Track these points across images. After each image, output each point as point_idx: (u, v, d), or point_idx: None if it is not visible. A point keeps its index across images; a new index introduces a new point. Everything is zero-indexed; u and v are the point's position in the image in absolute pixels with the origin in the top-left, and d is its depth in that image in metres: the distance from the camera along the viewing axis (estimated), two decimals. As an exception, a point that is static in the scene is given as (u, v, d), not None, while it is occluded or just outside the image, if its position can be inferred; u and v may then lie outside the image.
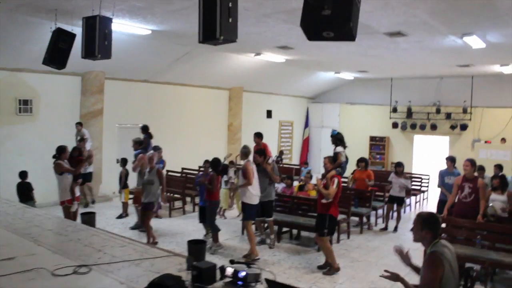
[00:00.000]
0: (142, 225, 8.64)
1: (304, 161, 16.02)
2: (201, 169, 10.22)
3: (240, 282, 3.69)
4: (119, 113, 13.03)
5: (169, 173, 12.96)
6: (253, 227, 8.21)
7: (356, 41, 9.93)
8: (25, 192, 9.07)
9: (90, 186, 11.62)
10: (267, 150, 8.99)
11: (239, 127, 17.15)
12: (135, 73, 13.02)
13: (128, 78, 13.14)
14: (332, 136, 8.60)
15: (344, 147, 8.52)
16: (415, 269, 3.95)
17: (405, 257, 3.97)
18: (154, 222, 10.11)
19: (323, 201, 6.96)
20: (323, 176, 7.18)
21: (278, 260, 7.86)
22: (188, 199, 11.73)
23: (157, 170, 8.30)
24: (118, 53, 11.04)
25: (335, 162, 7.36)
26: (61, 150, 7.96)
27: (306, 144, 20.54)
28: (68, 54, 7.85)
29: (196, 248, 5.41)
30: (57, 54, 7.80)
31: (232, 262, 4.10)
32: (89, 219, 6.51)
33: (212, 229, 8.30)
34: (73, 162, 8.36)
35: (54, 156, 7.92)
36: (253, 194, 7.85)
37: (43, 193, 10.69)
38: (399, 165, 10.30)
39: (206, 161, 9.06)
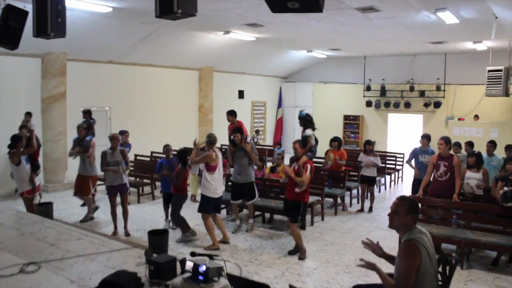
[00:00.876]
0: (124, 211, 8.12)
1: (277, 142, 15.74)
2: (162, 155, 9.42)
3: (201, 277, 3.37)
4: (84, 96, 12.44)
5: (138, 157, 12.55)
6: (218, 214, 7.73)
7: (327, 17, 9.61)
8: None
9: None
10: (243, 128, 8.49)
11: (210, 108, 16.75)
12: (99, 54, 12.44)
13: (92, 59, 12.54)
14: (300, 117, 8.04)
15: (313, 129, 8.01)
16: (389, 258, 3.71)
17: (376, 248, 3.72)
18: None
19: (297, 190, 6.61)
20: (293, 160, 6.86)
21: (250, 246, 7.59)
22: (158, 183, 11.32)
23: (121, 150, 7.90)
24: (79, 33, 10.61)
25: (305, 146, 7.00)
26: (16, 139, 7.43)
27: (279, 124, 20.28)
28: (21, 33, 7.26)
29: (157, 239, 5.05)
30: (8, 33, 7.22)
31: (193, 254, 3.77)
32: (45, 210, 6.09)
33: (175, 222, 7.86)
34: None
35: (9, 146, 7.40)
36: (212, 186, 7.27)
37: (4, 183, 10.21)
38: (368, 143, 10.11)
39: (167, 145, 8.62)
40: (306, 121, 7.94)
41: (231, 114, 9.64)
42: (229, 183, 9.57)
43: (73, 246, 4.60)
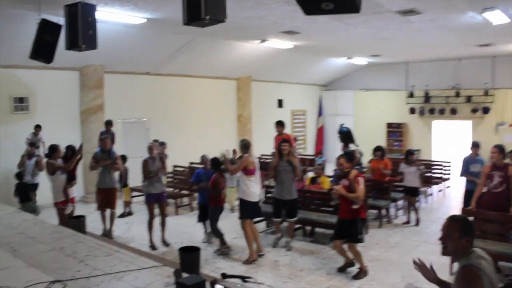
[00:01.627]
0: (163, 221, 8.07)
1: (318, 151, 15.35)
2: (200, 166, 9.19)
3: (229, 303, 3.09)
4: (121, 108, 12.48)
5: (176, 168, 12.45)
6: (253, 226, 7.45)
7: (365, 22, 9.23)
8: (23, 192, 8.65)
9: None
10: (291, 141, 8.06)
11: (249, 118, 16.56)
12: (135, 65, 12.47)
13: (128, 71, 12.59)
14: (340, 132, 7.64)
15: (355, 144, 7.65)
16: (443, 285, 3.21)
17: (427, 271, 3.23)
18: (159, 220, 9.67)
19: (355, 206, 6.20)
20: (340, 177, 6.46)
21: (290, 261, 7.24)
22: (196, 195, 11.13)
23: (160, 156, 7.86)
24: (116, 45, 10.66)
25: (352, 161, 6.60)
26: (53, 149, 7.46)
27: (320, 133, 19.84)
28: (55, 47, 7.28)
29: (188, 257, 4.80)
30: (43, 47, 7.26)
31: (224, 276, 3.49)
32: (78, 223, 6.00)
33: (216, 235, 7.66)
34: (67, 162, 7.86)
35: (46, 155, 7.44)
36: (251, 190, 7.15)
37: (45, 192, 10.27)
38: (410, 153, 9.60)
39: (204, 156, 8.39)
40: (347, 137, 7.51)
41: (280, 124, 9.14)
42: (266, 195, 9.34)
43: (102, 263, 4.41)
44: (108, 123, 10.90)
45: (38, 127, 10.52)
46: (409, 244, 8.03)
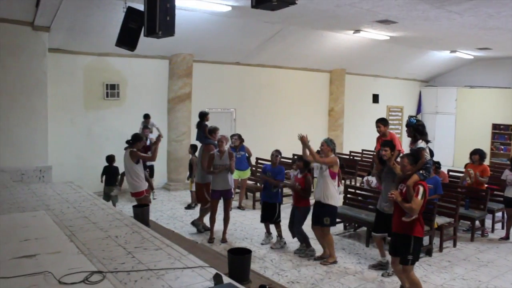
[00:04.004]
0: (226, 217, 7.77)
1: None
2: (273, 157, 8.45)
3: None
4: (209, 97, 12.52)
5: (260, 162, 12.23)
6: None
7: (472, 8, 8.19)
8: (111, 176, 8.94)
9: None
10: (395, 142, 6.59)
11: (341, 112, 15.91)
12: (225, 55, 12.42)
13: (217, 61, 12.57)
14: (408, 125, 6.13)
15: (427, 141, 6.10)
16: None
17: None
18: (234, 214, 9.52)
19: (404, 219, 5.12)
20: (400, 180, 5.44)
21: (361, 270, 6.66)
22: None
23: (229, 153, 7.58)
24: (205, 34, 10.67)
25: (417, 162, 5.32)
26: (137, 138, 7.50)
27: (418, 132, 18.54)
28: (139, 34, 7.32)
29: (237, 260, 4.46)
30: (128, 35, 7.35)
31: None
32: (140, 212, 5.97)
33: (302, 237, 7.19)
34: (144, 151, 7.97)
35: (127, 142, 7.51)
36: (337, 195, 6.74)
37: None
38: None
39: (275, 151, 7.74)
40: (417, 130, 5.99)
41: (383, 123, 7.32)
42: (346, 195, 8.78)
43: (148, 258, 4.27)
44: (147, 117, 10.78)
45: (147, 116, 10.77)
46: (503, 264, 7.01)
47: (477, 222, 8.40)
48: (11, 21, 8.62)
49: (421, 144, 5.63)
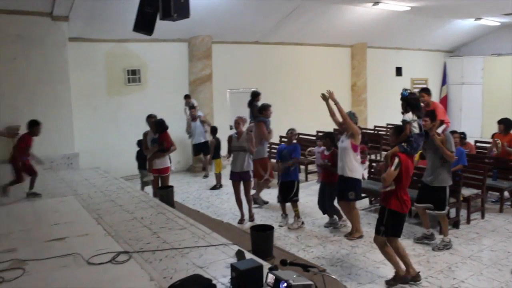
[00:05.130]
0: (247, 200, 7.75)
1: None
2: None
3: (281, 294, 2.76)
4: (229, 78, 12.54)
5: (283, 140, 12.21)
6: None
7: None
8: (142, 160, 9.07)
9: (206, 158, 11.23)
10: (437, 112, 6.40)
11: (364, 87, 15.71)
12: (243, 35, 12.36)
13: (237, 41, 12.52)
14: (402, 99, 5.83)
15: (418, 116, 5.79)
16: None
17: None
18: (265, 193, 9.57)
19: (380, 189, 5.17)
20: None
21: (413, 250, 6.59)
22: (301, 167, 10.82)
23: (248, 135, 7.52)
24: (222, 15, 10.64)
25: (400, 134, 5.22)
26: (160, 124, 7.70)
27: (443, 103, 18.06)
28: (155, 18, 7.34)
29: (259, 237, 4.50)
30: (144, 20, 7.38)
31: (283, 263, 3.12)
32: (165, 194, 6.07)
33: (335, 212, 7.27)
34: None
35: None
36: (360, 168, 6.70)
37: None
38: None
39: (291, 129, 7.57)
40: (408, 103, 5.68)
41: (427, 92, 7.21)
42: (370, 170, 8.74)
43: (173, 237, 4.37)
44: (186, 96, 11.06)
45: (188, 97, 11.28)
46: (534, 235, 6.91)
47: (505, 193, 8.26)
48: (31, 13, 8.78)
49: (405, 116, 5.43)
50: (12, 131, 7.59)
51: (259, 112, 8.56)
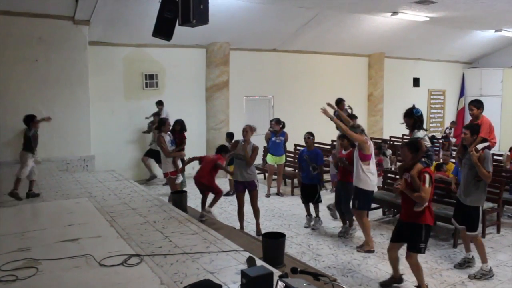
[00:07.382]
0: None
1: (458, 134, 13.90)
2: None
3: (290, 303, 2.74)
4: (246, 85, 12.60)
5: (298, 148, 12.21)
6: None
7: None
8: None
9: None
10: (482, 128, 6.09)
11: (381, 97, 15.61)
12: (261, 42, 12.42)
13: (254, 48, 12.59)
14: (412, 115, 5.69)
15: (424, 130, 5.73)
16: None
17: None
18: (272, 200, 9.58)
19: (416, 208, 4.93)
20: (403, 169, 5.21)
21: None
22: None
23: (254, 147, 7.14)
24: (240, 22, 10.72)
25: (417, 151, 5.06)
26: (162, 122, 7.82)
27: (461, 115, 17.98)
28: (174, 24, 7.42)
29: (271, 244, 4.49)
30: (163, 25, 7.47)
31: (294, 271, 3.11)
32: (179, 198, 6.09)
33: (348, 216, 7.27)
34: (175, 136, 8.27)
35: (156, 128, 7.84)
36: (371, 178, 6.55)
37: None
38: None
39: (308, 134, 7.89)
40: (420, 120, 5.59)
41: (476, 105, 6.62)
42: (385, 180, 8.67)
43: (184, 242, 4.39)
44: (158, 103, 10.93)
45: (159, 103, 10.96)
46: (551, 251, 6.79)
47: (522, 208, 8.14)
48: (53, 16, 8.96)
49: (418, 133, 5.38)
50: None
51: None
